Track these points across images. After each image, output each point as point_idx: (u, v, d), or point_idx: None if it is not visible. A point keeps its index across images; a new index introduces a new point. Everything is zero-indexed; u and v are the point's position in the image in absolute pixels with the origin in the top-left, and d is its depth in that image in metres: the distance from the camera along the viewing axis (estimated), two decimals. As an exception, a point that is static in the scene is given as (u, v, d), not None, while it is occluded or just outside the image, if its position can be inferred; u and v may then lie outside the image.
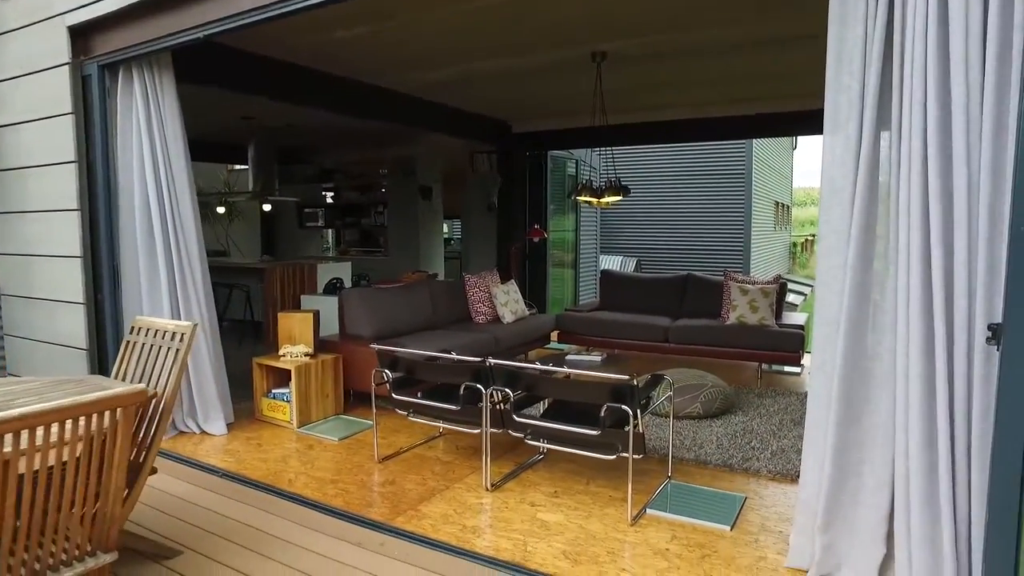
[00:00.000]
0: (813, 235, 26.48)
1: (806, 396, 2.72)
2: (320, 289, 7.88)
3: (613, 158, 6.10)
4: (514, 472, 3.74)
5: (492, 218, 8.85)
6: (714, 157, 15.13)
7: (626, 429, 3.00)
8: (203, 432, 4.54)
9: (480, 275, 6.43)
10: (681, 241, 15.83)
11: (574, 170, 9.58)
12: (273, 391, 4.86)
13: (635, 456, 3.13)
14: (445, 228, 13.47)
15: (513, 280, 6.57)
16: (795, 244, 23.66)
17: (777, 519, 3.15)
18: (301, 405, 4.71)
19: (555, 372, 3.22)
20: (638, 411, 3.04)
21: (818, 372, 2.46)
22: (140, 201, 4.30)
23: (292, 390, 4.66)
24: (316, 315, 4.96)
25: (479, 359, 3.43)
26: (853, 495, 2.39)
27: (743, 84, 6.25)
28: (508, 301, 6.29)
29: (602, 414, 3.04)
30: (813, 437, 2.49)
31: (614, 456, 3.16)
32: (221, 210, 9.40)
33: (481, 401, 3.44)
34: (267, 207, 8.89)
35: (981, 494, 1.99)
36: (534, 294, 8.75)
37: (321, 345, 5.16)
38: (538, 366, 3.23)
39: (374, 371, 3.92)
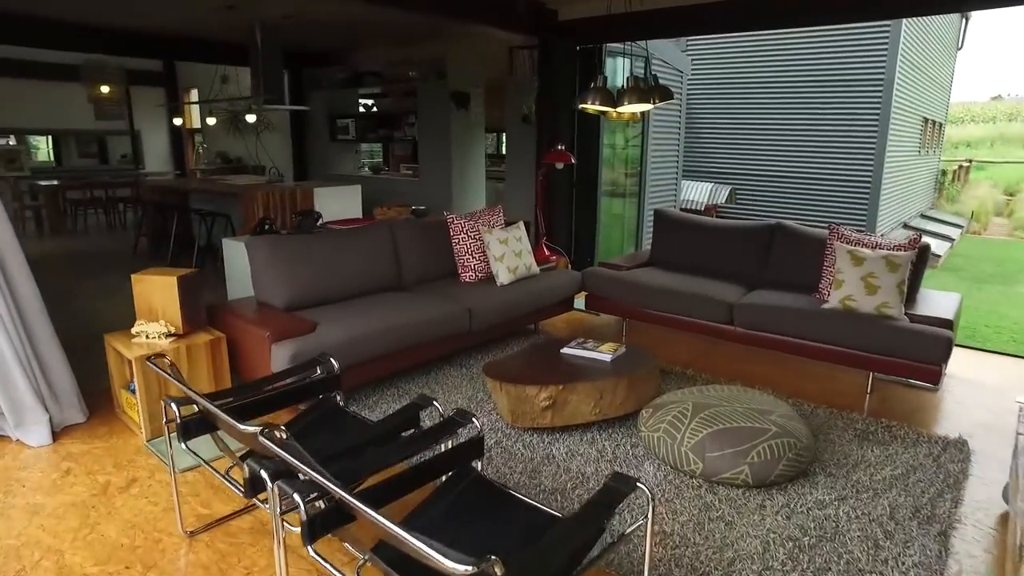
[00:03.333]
0: (970, 160, 21.96)
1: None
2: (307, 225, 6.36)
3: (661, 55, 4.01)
4: (367, 604, 2.12)
5: (530, 133, 6.91)
6: (842, 56, 11.83)
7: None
8: (19, 441, 3.22)
9: (472, 215, 4.62)
10: (789, 165, 12.81)
11: (643, 71, 7.28)
12: (134, 382, 3.46)
13: None
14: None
15: (521, 223, 4.72)
16: (944, 172, 19.50)
17: None
18: (152, 409, 3.27)
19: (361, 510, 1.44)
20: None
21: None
22: None
23: (138, 388, 3.22)
24: (186, 279, 3.42)
25: (255, 428, 1.75)
26: None
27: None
28: (506, 254, 4.48)
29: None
30: None
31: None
32: (212, 121, 7.95)
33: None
34: (251, 118, 7.34)
35: None
36: (580, 238, 6.84)
37: (214, 316, 3.68)
38: (337, 492, 1.47)
39: (163, 402, 2.35)
